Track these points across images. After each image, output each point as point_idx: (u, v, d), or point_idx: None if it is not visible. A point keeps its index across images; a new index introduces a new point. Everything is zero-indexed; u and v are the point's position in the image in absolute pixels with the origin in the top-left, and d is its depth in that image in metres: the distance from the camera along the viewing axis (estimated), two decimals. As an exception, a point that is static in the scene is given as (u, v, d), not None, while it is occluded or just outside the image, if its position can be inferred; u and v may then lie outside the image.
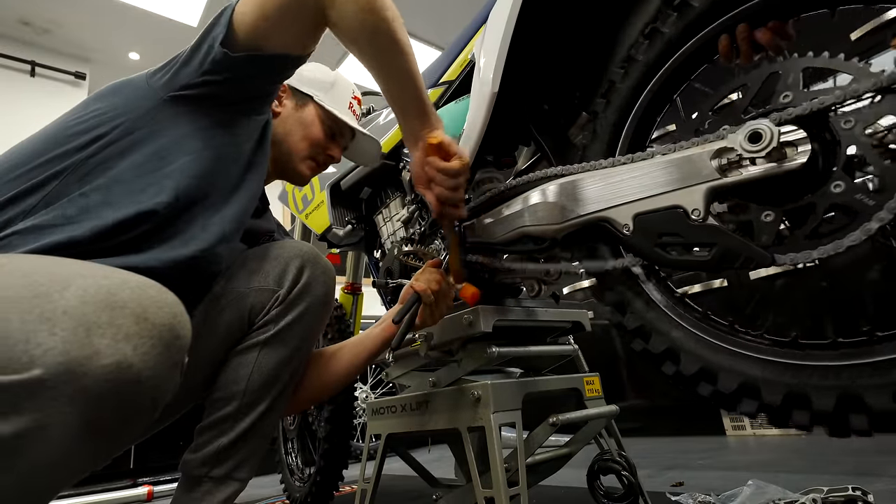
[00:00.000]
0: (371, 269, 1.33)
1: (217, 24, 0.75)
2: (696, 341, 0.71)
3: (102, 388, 0.43)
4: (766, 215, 0.63)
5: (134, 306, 0.48)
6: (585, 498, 1.08)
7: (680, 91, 0.79)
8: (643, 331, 0.77)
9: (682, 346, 0.72)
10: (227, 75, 0.76)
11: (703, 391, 0.70)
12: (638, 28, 0.81)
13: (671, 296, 0.77)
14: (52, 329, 0.42)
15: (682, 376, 0.72)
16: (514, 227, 0.88)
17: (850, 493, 1.01)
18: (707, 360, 0.69)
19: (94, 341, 0.43)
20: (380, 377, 3.13)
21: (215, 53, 0.74)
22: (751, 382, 0.65)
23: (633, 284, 0.79)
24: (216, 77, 0.76)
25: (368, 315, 2.06)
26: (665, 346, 0.73)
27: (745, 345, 0.67)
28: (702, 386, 0.70)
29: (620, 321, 0.80)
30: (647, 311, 0.77)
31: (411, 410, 1.06)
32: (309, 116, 1.07)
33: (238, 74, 0.77)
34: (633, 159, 0.73)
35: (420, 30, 4.17)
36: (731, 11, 0.69)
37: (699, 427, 2.50)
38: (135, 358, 0.46)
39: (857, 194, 0.57)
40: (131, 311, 0.47)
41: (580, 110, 1.01)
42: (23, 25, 3.68)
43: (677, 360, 0.72)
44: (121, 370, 0.44)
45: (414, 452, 1.26)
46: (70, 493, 2.37)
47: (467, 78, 1.03)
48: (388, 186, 1.29)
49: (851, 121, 0.58)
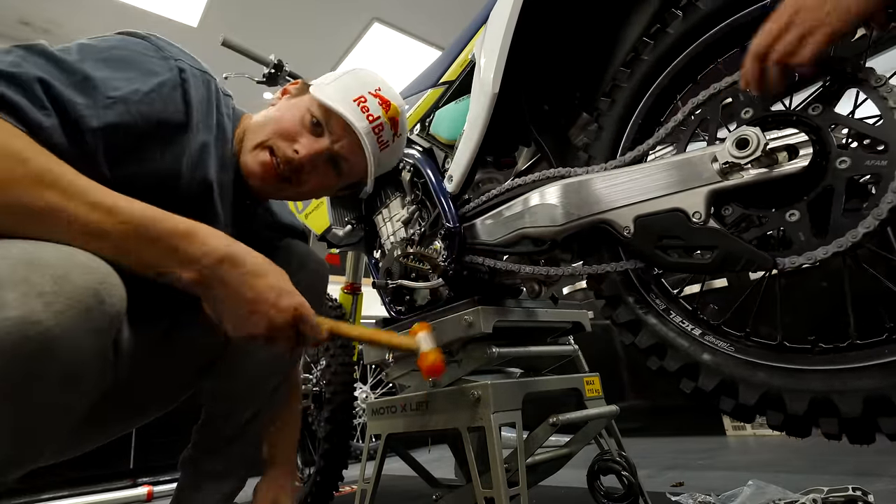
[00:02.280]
0: (371, 269, 1.33)
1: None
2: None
3: (3, 341, 0.41)
4: (790, 214, 0.62)
5: (56, 266, 0.46)
6: (585, 498, 1.08)
7: (684, 92, 0.79)
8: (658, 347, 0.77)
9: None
10: None
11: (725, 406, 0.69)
12: (640, 28, 0.81)
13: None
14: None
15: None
16: (514, 229, 0.88)
17: (850, 493, 1.01)
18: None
19: (1, 294, 0.42)
20: (380, 377, 3.13)
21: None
22: (774, 392, 0.64)
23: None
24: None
25: (368, 315, 2.06)
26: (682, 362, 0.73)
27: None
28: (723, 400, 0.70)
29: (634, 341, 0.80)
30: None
31: (411, 410, 1.06)
32: (296, 104, 0.89)
33: None
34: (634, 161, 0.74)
35: (420, 30, 4.17)
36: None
37: (699, 427, 2.50)
38: (44, 314, 0.43)
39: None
40: (52, 272, 0.46)
41: (580, 111, 1.01)
42: (23, 25, 3.67)
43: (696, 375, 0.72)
44: (25, 324, 0.42)
45: (414, 452, 1.26)
46: (70, 493, 2.37)
47: (467, 78, 1.03)
48: (388, 186, 1.28)
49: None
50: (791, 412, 0.61)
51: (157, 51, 0.74)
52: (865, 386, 0.57)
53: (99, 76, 0.64)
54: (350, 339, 0.84)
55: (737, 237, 0.64)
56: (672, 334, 0.75)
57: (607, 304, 0.85)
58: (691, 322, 0.74)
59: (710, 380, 0.69)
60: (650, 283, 0.80)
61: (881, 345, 0.59)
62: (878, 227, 0.55)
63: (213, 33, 1.77)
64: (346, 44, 4.19)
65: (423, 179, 1.08)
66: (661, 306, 0.78)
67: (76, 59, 0.64)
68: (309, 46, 4.11)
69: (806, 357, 0.63)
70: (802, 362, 0.62)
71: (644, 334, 0.78)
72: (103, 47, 0.69)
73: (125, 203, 0.56)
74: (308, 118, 0.86)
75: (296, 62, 1.54)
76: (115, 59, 0.68)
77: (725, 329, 0.73)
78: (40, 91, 0.58)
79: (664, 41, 0.76)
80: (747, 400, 0.65)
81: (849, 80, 0.60)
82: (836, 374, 0.59)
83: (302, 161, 0.84)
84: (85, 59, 0.65)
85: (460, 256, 1.00)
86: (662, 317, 0.77)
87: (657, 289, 0.80)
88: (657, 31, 0.77)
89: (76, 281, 0.47)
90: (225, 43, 1.41)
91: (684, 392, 0.73)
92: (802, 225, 0.61)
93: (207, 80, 0.80)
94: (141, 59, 0.71)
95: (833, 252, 0.57)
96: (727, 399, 0.68)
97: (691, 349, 0.72)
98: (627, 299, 0.81)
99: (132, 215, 0.56)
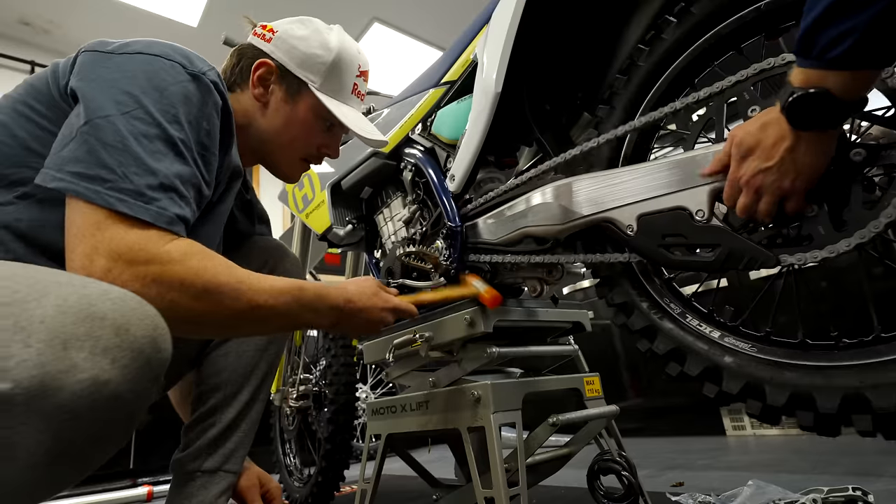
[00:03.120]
0: (371, 269, 1.33)
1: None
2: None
3: (77, 405, 0.40)
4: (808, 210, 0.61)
5: (114, 317, 0.45)
6: (585, 498, 1.08)
7: (686, 91, 0.79)
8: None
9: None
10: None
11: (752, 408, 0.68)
12: (642, 28, 0.81)
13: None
14: (27, 340, 0.39)
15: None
16: (517, 228, 0.88)
17: (850, 493, 1.01)
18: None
19: (70, 354, 0.41)
20: (380, 377, 3.13)
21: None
22: (804, 392, 0.62)
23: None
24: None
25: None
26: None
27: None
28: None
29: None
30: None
31: (411, 410, 1.06)
32: (301, 111, 0.93)
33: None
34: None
35: (420, 30, 4.17)
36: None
37: (699, 427, 2.50)
38: (113, 372, 0.43)
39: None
40: (111, 323, 0.44)
41: (582, 110, 1.01)
42: (23, 25, 3.67)
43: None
44: (97, 385, 0.42)
45: (414, 452, 1.26)
46: (70, 493, 2.37)
47: (469, 78, 1.03)
48: (389, 186, 1.28)
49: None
50: (822, 411, 0.60)
51: (185, 69, 0.70)
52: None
53: (188, 141, 0.67)
54: (428, 304, 0.96)
55: (740, 235, 0.64)
56: (690, 338, 0.74)
57: (619, 311, 0.83)
58: (709, 325, 0.73)
59: (734, 382, 0.67)
60: (662, 288, 0.79)
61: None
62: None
63: (213, 33, 1.77)
64: (346, 44, 4.20)
65: (425, 179, 1.08)
66: (676, 310, 0.77)
67: (173, 128, 0.65)
68: (309, 46, 4.12)
69: (831, 353, 0.62)
70: (828, 359, 0.61)
71: (661, 340, 0.77)
72: (174, 99, 0.67)
73: (282, 284, 0.69)
74: (321, 125, 0.96)
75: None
76: (180, 105, 0.67)
77: (744, 330, 0.72)
78: (188, 190, 0.65)
79: (660, 47, 0.76)
80: (776, 401, 0.64)
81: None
82: (867, 369, 0.58)
83: (335, 156, 1.02)
84: (172, 123, 0.65)
85: (462, 256, 1.00)
86: (679, 321, 0.76)
87: (670, 293, 0.79)
88: (653, 38, 0.77)
89: (135, 331, 0.46)
90: (226, 42, 1.40)
91: (707, 396, 0.71)
92: (822, 219, 0.60)
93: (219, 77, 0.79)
94: (185, 91, 0.69)
95: (856, 244, 0.56)
96: (753, 402, 0.67)
97: (711, 352, 0.71)
98: (641, 305, 0.80)
99: (291, 292, 0.69)
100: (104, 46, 0.69)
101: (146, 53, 0.68)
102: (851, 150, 0.58)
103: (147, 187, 0.60)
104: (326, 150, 0.99)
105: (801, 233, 0.62)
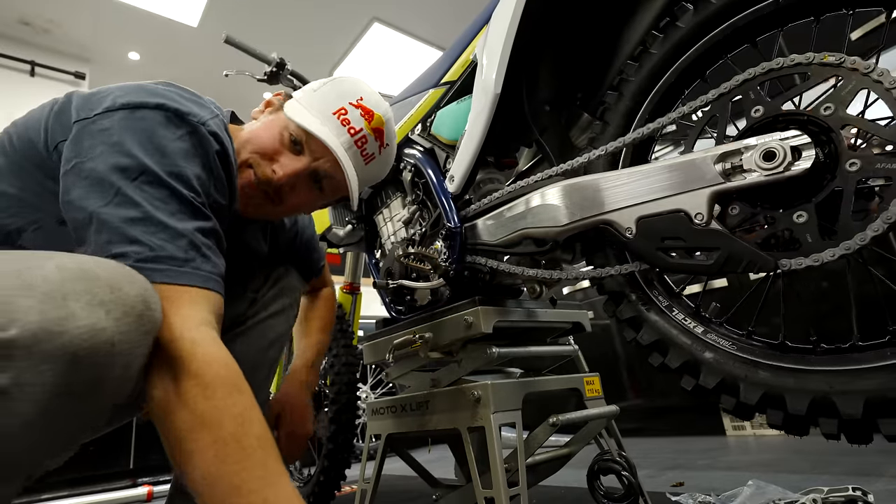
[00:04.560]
0: (371, 269, 1.33)
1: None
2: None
3: (77, 349, 0.45)
4: (798, 216, 0.62)
5: (108, 277, 0.51)
6: (585, 498, 1.08)
7: (689, 91, 0.79)
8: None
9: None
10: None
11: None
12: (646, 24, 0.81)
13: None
14: (31, 293, 0.44)
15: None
16: (516, 229, 0.88)
17: (850, 493, 1.01)
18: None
19: (69, 304, 0.46)
20: (380, 377, 3.13)
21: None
22: (776, 392, 0.64)
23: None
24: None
25: (368, 315, 2.06)
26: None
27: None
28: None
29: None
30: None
31: (411, 410, 1.06)
32: (274, 120, 0.86)
33: None
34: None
35: (420, 30, 4.17)
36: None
37: (699, 427, 2.50)
38: (108, 322, 0.48)
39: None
40: (105, 282, 0.50)
41: (582, 111, 1.01)
42: (23, 25, 3.67)
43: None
44: (94, 332, 0.47)
45: (414, 452, 1.26)
46: (70, 493, 2.37)
47: (469, 78, 1.03)
48: (389, 186, 1.28)
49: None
50: (792, 412, 0.61)
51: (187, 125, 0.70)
52: (867, 387, 0.57)
53: (200, 195, 0.69)
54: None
55: (739, 238, 0.64)
56: (674, 331, 0.75)
57: (610, 299, 0.85)
58: (693, 320, 0.75)
59: (711, 378, 0.69)
60: (653, 281, 0.81)
61: (884, 347, 0.59)
62: (887, 230, 0.54)
63: (213, 33, 1.77)
64: (346, 44, 4.20)
65: (425, 179, 1.08)
66: (663, 303, 0.78)
67: (186, 176, 0.66)
68: (309, 47, 4.12)
69: (808, 357, 0.63)
70: (805, 363, 0.62)
71: (646, 330, 0.78)
72: (176, 149, 0.68)
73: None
74: (287, 136, 0.83)
75: (296, 62, 1.54)
76: (192, 153, 0.69)
77: (728, 327, 0.73)
78: (214, 241, 0.68)
79: (674, 35, 0.76)
80: (749, 399, 0.65)
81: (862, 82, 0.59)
82: (838, 375, 0.59)
83: (280, 181, 0.82)
84: (183, 165, 0.67)
85: (461, 256, 1.00)
86: (665, 314, 0.77)
87: (660, 286, 0.81)
88: (667, 25, 0.77)
89: (127, 290, 0.52)
90: (227, 40, 1.40)
91: (685, 389, 0.73)
92: (810, 226, 0.60)
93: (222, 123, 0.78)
94: (203, 145, 0.71)
95: (840, 254, 0.57)
96: (727, 398, 0.68)
97: (693, 347, 0.72)
98: (630, 296, 0.82)
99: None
100: (90, 109, 0.68)
101: (140, 108, 0.68)
102: (848, 160, 0.58)
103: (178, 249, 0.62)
104: (274, 165, 0.82)
105: (794, 236, 0.62)
